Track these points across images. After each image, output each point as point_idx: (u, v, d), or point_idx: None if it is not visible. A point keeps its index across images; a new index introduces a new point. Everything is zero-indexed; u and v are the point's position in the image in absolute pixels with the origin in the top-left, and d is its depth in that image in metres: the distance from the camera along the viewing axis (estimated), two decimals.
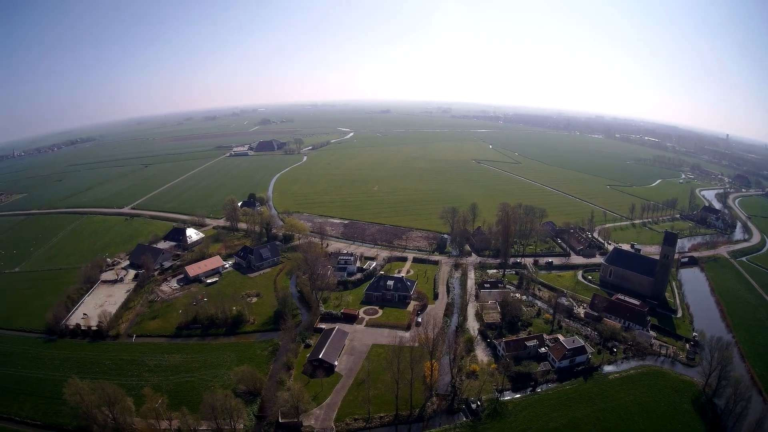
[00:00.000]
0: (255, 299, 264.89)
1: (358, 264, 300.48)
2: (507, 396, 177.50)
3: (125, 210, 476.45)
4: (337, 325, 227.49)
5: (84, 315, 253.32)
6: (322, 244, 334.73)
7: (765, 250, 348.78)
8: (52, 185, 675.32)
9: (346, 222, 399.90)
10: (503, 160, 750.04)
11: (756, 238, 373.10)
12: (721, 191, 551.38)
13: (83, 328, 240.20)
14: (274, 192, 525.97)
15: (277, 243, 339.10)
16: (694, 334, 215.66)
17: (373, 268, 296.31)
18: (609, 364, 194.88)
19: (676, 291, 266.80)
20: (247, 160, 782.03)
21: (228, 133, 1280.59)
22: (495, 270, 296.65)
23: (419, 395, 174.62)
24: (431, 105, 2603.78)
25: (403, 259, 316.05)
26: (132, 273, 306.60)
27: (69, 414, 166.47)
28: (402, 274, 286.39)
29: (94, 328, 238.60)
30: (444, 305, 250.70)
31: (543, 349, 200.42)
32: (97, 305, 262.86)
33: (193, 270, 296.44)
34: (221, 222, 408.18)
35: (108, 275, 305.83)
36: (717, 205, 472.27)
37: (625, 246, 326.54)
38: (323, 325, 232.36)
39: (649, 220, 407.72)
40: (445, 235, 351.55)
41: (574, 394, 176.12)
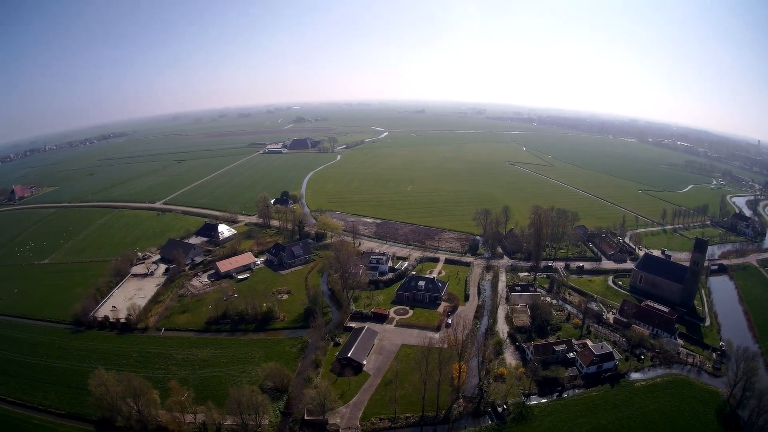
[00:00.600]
0: (286, 296, 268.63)
1: (390, 264, 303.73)
2: (533, 400, 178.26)
3: (157, 205, 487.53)
4: (367, 325, 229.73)
5: (113, 307, 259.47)
6: (354, 243, 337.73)
7: None
8: (83, 179, 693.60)
9: (378, 221, 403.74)
10: (536, 162, 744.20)
11: None
12: (752, 198, 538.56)
13: (111, 320, 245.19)
14: (307, 190, 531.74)
15: (310, 241, 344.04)
16: (721, 343, 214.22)
17: (405, 268, 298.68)
18: (636, 371, 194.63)
19: (704, 299, 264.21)
20: (281, 157, 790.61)
21: (262, 131, 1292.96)
22: (526, 273, 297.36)
23: (446, 397, 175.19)
24: (465, 106, 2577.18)
25: (435, 260, 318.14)
26: (162, 267, 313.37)
27: (93, 405, 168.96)
28: (433, 274, 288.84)
29: (122, 320, 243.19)
30: (474, 307, 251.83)
31: (571, 354, 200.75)
32: (127, 298, 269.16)
33: (224, 266, 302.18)
34: (254, 219, 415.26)
35: (138, 269, 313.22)
36: (747, 213, 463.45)
37: (656, 252, 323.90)
38: (353, 324, 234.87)
39: (680, 225, 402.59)
40: (478, 237, 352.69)
41: (599, 400, 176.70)
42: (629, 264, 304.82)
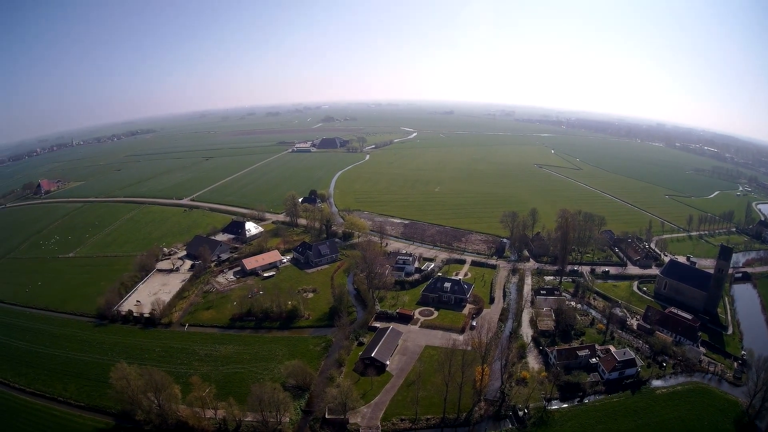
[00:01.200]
0: (311, 295, 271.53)
1: (416, 264, 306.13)
2: (554, 405, 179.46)
3: (184, 201, 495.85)
4: (392, 325, 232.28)
5: (137, 302, 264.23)
6: (381, 243, 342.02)
7: None
8: (110, 174, 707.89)
9: (406, 222, 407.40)
10: (564, 165, 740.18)
11: None
12: None
13: (135, 314, 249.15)
14: (335, 189, 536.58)
15: (336, 240, 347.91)
16: (742, 352, 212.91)
17: (431, 269, 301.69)
18: (657, 378, 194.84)
19: (728, 307, 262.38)
20: (310, 156, 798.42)
21: (290, 129, 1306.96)
22: (552, 277, 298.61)
23: (468, 399, 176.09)
24: (494, 107, 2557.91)
25: (462, 262, 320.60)
26: (188, 263, 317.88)
27: (113, 398, 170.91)
28: (459, 276, 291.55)
29: (146, 315, 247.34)
30: (499, 310, 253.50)
31: (594, 360, 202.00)
32: (151, 293, 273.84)
33: (251, 263, 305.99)
34: (281, 217, 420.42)
35: (164, 264, 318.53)
36: None
37: (681, 258, 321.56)
38: (378, 324, 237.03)
39: (706, 232, 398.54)
40: (505, 240, 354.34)
41: (620, 407, 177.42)
42: (654, 270, 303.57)
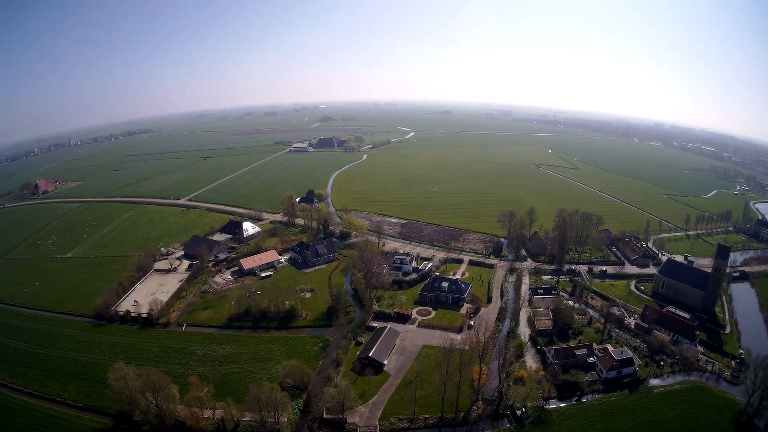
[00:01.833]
0: (309, 294, 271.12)
1: (413, 264, 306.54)
2: (552, 404, 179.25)
3: (182, 201, 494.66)
4: (390, 324, 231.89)
5: (135, 302, 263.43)
6: (378, 242, 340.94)
7: None
8: (108, 174, 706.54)
9: (403, 222, 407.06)
10: (562, 165, 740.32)
11: None
12: None
13: (133, 314, 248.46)
14: (332, 189, 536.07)
15: (334, 240, 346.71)
16: (740, 351, 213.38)
17: (429, 268, 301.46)
18: (655, 377, 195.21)
19: (725, 306, 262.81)
20: (307, 156, 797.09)
21: (288, 129, 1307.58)
22: (549, 276, 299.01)
23: (465, 398, 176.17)
24: (492, 107, 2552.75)
25: (459, 261, 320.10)
26: (186, 263, 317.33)
27: (111, 398, 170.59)
28: (457, 276, 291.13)
29: (144, 315, 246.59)
30: (497, 309, 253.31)
31: (592, 359, 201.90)
32: (149, 293, 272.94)
33: (248, 263, 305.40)
34: (278, 217, 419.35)
35: (161, 264, 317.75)
36: None
37: (679, 257, 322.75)
38: (375, 324, 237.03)
39: (704, 231, 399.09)
40: (502, 239, 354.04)
41: (618, 406, 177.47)
42: (652, 269, 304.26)
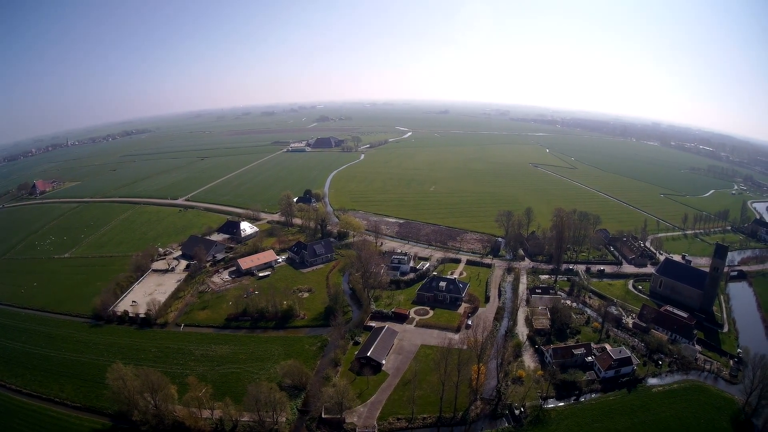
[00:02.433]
0: (306, 294, 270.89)
1: (411, 264, 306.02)
2: (550, 404, 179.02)
3: (179, 201, 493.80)
4: (387, 324, 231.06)
5: (133, 302, 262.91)
6: (376, 242, 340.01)
7: None
8: (106, 174, 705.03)
9: (401, 221, 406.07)
10: (560, 164, 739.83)
11: None
12: None
13: (131, 315, 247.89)
14: (330, 189, 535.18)
15: (332, 240, 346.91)
16: (738, 350, 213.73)
17: (426, 268, 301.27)
18: (653, 376, 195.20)
19: (723, 305, 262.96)
20: (305, 156, 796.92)
21: (285, 129, 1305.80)
22: (547, 275, 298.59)
23: (464, 398, 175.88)
24: (490, 107, 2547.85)
25: (457, 261, 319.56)
26: (183, 263, 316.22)
27: (110, 398, 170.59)
28: (455, 275, 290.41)
29: (142, 315, 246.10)
30: (495, 309, 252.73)
31: (590, 358, 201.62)
32: (147, 293, 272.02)
33: (246, 263, 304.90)
34: (276, 217, 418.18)
35: (159, 264, 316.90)
36: None
37: (677, 257, 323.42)
38: (373, 324, 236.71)
39: (701, 231, 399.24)
40: (500, 239, 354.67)
41: (616, 405, 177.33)
42: (650, 268, 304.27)
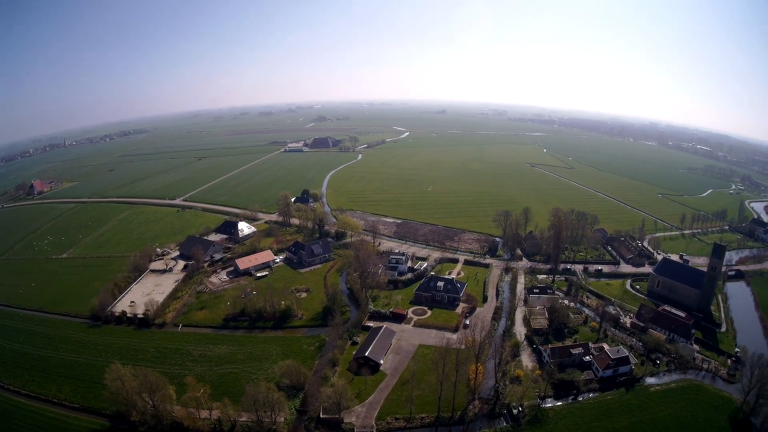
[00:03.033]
0: (304, 294, 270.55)
1: (409, 264, 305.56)
2: (548, 403, 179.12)
3: (177, 201, 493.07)
4: (385, 324, 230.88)
5: (131, 303, 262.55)
6: (374, 242, 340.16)
7: None
8: (103, 175, 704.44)
9: (399, 221, 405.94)
10: (557, 164, 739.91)
11: None
12: None
13: (129, 315, 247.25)
14: (327, 189, 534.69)
15: (329, 240, 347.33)
16: (736, 349, 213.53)
17: (424, 268, 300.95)
18: (651, 375, 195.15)
19: (721, 304, 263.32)
20: (302, 156, 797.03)
21: (283, 129, 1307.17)
22: (545, 275, 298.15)
23: (462, 398, 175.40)
24: (487, 107, 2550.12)
25: (455, 261, 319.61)
26: (181, 264, 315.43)
27: (108, 399, 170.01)
28: (453, 275, 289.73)
29: (140, 315, 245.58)
30: (493, 309, 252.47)
31: (588, 358, 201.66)
32: (145, 294, 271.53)
33: (244, 263, 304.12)
34: (274, 217, 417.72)
35: (157, 265, 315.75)
36: (766, 218, 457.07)
37: (674, 256, 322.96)
38: (371, 324, 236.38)
39: (699, 230, 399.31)
40: (497, 239, 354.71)
41: (614, 404, 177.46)
42: (647, 268, 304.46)
